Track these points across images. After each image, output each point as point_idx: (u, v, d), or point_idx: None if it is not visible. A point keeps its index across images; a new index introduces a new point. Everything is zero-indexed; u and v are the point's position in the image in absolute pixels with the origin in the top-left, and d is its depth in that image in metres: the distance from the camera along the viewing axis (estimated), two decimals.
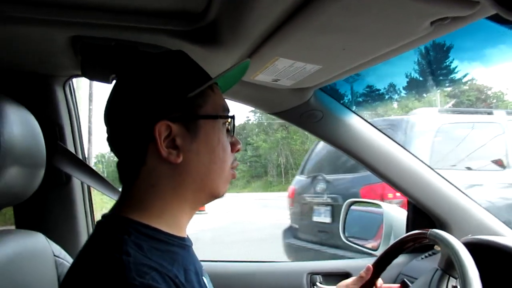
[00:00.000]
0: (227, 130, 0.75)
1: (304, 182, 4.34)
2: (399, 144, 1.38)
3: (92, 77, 1.09)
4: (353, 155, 1.36)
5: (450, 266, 0.86)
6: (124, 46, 0.97)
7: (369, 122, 1.36)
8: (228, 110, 0.75)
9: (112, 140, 0.72)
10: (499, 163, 3.94)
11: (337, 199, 3.74)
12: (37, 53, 1.04)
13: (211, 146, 0.71)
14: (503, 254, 1.00)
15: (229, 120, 0.75)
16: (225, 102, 0.76)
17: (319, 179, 4.06)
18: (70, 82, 1.25)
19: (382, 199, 3.15)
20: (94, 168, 1.29)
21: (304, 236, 4.17)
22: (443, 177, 1.40)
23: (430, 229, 0.91)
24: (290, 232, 4.43)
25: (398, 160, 1.36)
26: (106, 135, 0.73)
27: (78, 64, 1.04)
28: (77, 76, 1.22)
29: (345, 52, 0.85)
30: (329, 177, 3.98)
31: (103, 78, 1.05)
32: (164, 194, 0.69)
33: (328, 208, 3.82)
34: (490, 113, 4.18)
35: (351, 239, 1.76)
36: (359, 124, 1.33)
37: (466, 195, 1.40)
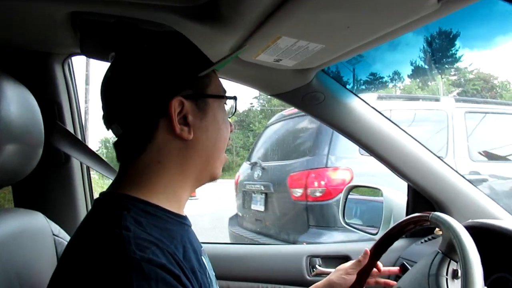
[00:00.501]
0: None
1: (246, 169, 4.22)
2: (400, 128, 1.37)
3: (91, 54, 1.07)
4: (354, 138, 1.35)
5: (451, 250, 0.85)
6: (124, 23, 0.95)
7: (370, 105, 1.34)
8: (226, 92, 0.78)
9: (114, 116, 0.71)
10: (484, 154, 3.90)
11: (269, 186, 3.64)
12: (35, 29, 1.03)
13: (218, 124, 0.74)
14: (504, 237, 1.00)
15: (231, 101, 0.79)
16: (222, 84, 0.79)
17: (257, 166, 3.96)
18: (69, 60, 1.24)
19: (306, 187, 3.13)
20: (98, 153, 1.28)
21: (246, 224, 4.10)
22: (443, 161, 1.40)
23: (432, 212, 0.90)
24: (235, 220, 4.35)
25: (399, 144, 1.35)
26: (102, 113, 0.73)
27: (77, 41, 1.03)
28: (76, 54, 1.20)
29: (349, 30, 0.83)
30: (265, 164, 3.88)
31: (103, 56, 1.03)
32: (169, 170, 0.70)
33: (263, 196, 3.73)
34: (437, 100, 4.01)
35: (350, 223, 1.77)
36: (360, 107, 1.32)
37: (466, 179, 1.39)
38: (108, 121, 0.72)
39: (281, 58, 1.04)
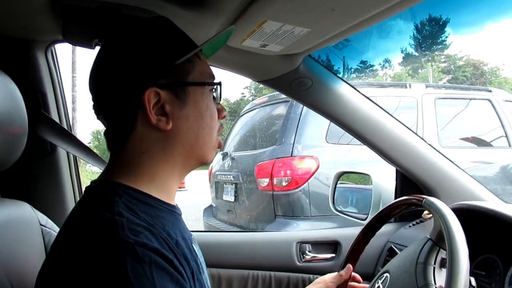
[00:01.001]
0: (213, 98, 0.75)
1: (219, 160, 4.14)
2: (388, 113, 1.37)
3: (74, 41, 1.05)
4: (342, 124, 1.35)
5: (441, 238, 0.85)
6: (106, 9, 0.93)
7: (358, 91, 1.34)
8: (214, 77, 0.76)
9: (99, 107, 0.72)
10: (470, 139, 3.92)
11: (238, 177, 3.61)
12: (15, 16, 1.00)
13: (200, 112, 0.72)
14: (491, 219, 1.01)
15: (215, 87, 0.75)
16: (211, 69, 0.76)
17: (227, 156, 3.91)
18: (53, 48, 1.21)
19: (272, 176, 3.11)
20: (90, 145, 1.27)
21: (219, 215, 4.07)
22: (431, 146, 1.40)
23: (426, 197, 0.90)
24: (210, 211, 4.31)
25: (387, 129, 1.36)
26: (92, 102, 0.73)
27: (59, 28, 1.01)
28: (60, 41, 1.18)
29: (335, 13, 0.82)
30: (235, 154, 3.84)
31: (86, 42, 1.02)
32: (154, 160, 0.70)
33: (233, 186, 3.70)
34: (407, 87, 3.87)
35: (340, 208, 1.78)
36: (348, 93, 1.32)
37: (453, 163, 1.40)
38: (95, 111, 0.73)
39: (267, 43, 1.03)
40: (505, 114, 3.85)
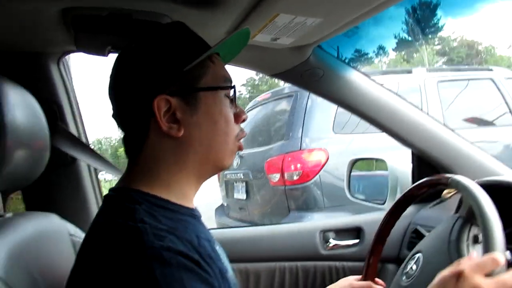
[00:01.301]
0: (231, 101, 0.74)
1: None
2: (400, 97, 1.38)
3: (87, 51, 1.06)
4: (356, 111, 1.36)
5: (472, 215, 0.85)
6: (117, 16, 0.94)
7: (369, 77, 1.35)
8: (230, 81, 0.74)
9: (115, 115, 0.73)
10: (470, 120, 3.90)
11: (248, 174, 3.60)
12: (27, 30, 1.01)
13: (213, 118, 0.70)
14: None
15: (232, 90, 0.74)
16: (227, 72, 0.75)
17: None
18: (64, 59, 1.22)
19: (283, 171, 3.11)
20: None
21: (231, 214, 4.04)
22: (444, 125, 1.41)
23: (452, 175, 0.90)
24: (221, 210, 4.29)
25: (400, 113, 1.36)
26: (111, 111, 0.74)
27: (71, 38, 1.01)
28: (71, 51, 1.19)
29: (347, 1, 0.83)
30: (242, 152, 3.75)
31: (99, 51, 1.03)
32: (168, 167, 0.70)
33: (244, 184, 3.69)
34: (409, 72, 3.85)
35: (356, 195, 1.78)
36: (360, 80, 1.32)
37: (467, 141, 1.41)
38: (114, 118, 0.74)
39: (279, 37, 1.03)
40: (508, 92, 3.84)
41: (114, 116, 0.73)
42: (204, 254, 0.62)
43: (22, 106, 0.77)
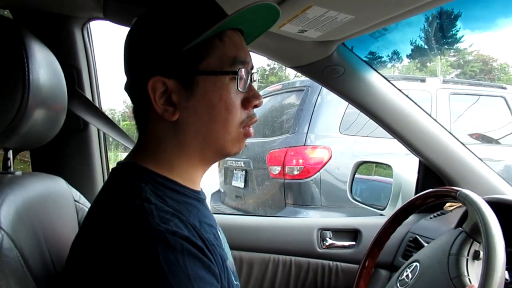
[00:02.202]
0: (244, 83, 0.67)
1: None
2: (416, 104, 1.37)
3: (113, 19, 1.05)
4: (370, 113, 1.35)
5: (476, 232, 0.85)
6: None
7: (389, 81, 1.34)
8: (243, 62, 0.67)
9: (126, 88, 0.71)
10: (475, 136, 3.90)
11: (249, 163, 3.60)
12: None
13: (211, 104, 0.66)
14: None
15: (243, 71, 0.66)
16: (240, 53, 0.67)
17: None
18: (88, 25, 1.21)
19: (284, 165, 3.11)
20: None
21: (227, 200, 4.07)
22: (456, 139, 1.40)
23: (461, 189, 0.90)
24: (217, 196, 4.32)
25: (414, 120, 1.36)
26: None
27: (99, 5, 1.01)
28: (96, 18, 1.18)
29: (383, 1, 0.82)
30: (246, 141, 3.80)
31: (125, 21, 1.02)
32: (169, 149, 0.68)
33: (243, 172, 3.70)
34: (423, 81, 3.83)
35: (357, 198, 1.79)
36: (379, 82, 1.32)
37: (477, 157, 1.40)
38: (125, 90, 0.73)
39: (306, 29, 1.02)
40: None
41: (125, 88, 0.71)
42: (207, 241, 0.61)
43: (46, 66, 0.76)
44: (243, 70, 0.67)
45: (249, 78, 0.69)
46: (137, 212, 0.58)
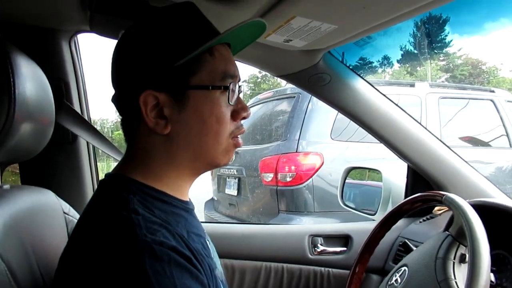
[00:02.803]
0: (231, 96, 0.69)
1: None
2: (402, 110, 1.39)
3: (100, 32, 1.06)
4: (358, 120, 1.37)
5: (461, 235, 0.86)
6: (136, 0, 0.94)
7: (375, 87, 1.36)
8: (232, 76, 0.69)
9: (114, 100, 0.72)
10: (466, 139, 3.94)
11: (242, 171, 3.60)
12: (44, 5, 1.01)
13: (202, 117, 0.67)
14: (502, 214, 1.03)
15: (231, 85, 0.68)
16: (229, 66, 0.69)
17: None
18: (76, 38, 1.22)
19: (276, 172, 3.13)
20: None
21: (220, 208, 4.06)
22: (443, 143, 1.42)
23: (446, 193, 0.92)
24: (211, 204, 4.30)
25: (401, 126, 1.37)
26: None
27: (85, 18, 1.02)
28: (84, 31, 1.19)
29: (365, 10, 0.84)
30: (238, 148, 3.75)
31: (112, 33, 1.03)
32: (159, 161, 0.68)
33: (236, 180, 3.70)
34: (412, 85, 3.87)
35: (348, 203, 1.80)
36: (365, 89, 1.33)
37: (464, 161, 1.42)
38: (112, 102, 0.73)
39: (292, 39, 1.04)
40: (507, 115, 3.88)
41: (112, 100, 0.72)
42: (195, 250, 0.62)
43: (32, 80, 0.77)
44: (233, 84, 0.69)
45: (237, 90, 0.71)
46: (125, 223, 0.58)
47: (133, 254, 0.55)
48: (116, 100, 0.71)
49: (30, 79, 0.76)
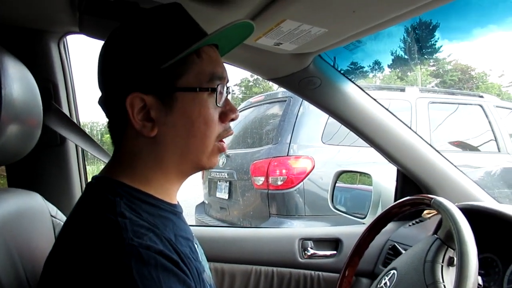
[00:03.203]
0: (220, 98, 0.69)
1: None
2: (392, 114, 1.40)
3: (89, 33, 1.05)
4: (348, 124, 1.38)
5: (450, 238, 0.87)
6: (125, 2, 0.94)
7: (365, 91, 1.37)
8: (220, 78, 0.69)
9: (101, 102, 0.72)
10: (456, 143, 3.98)
11: (233, 174, 3.59)
12: (33, 6, 1.00)
13: (189, 119, 0.67)
14: (494, 219, 1.04)
15: (219, 86, 0.68)
16: (217, 68, 0.69)
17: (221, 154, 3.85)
18: (65, 39, 1.21)
19: (268, 175, 3.14)
20: None
21: (211, 212, 4.04)
22: (432, 147, 1.44)
23: (434, 197, 0.92)
24: (202, 207, 4.30)
25: (391, 130, 1.38)
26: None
27: (74, 20, 1.01)
28: (73, 32, 1.18)
29: (355, 14, 0.84)
30: (229, 151, 3.77)
31: (101, 35, 1.02)
32: (146, 164, 0.68)
33: (227, 184, 3.69)
34: (402, 90, 3.90)
35: (338, 207, 1.81)
36: (355, 93, 1.34)
37: (453, 165, 1.44)
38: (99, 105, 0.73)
39: (282, 42, 1.04)
40: (496, 120, 3.93)
41: (99, 102, 0.71)
42: (182, 254, 0.61)
43: (20, 82, 0.76)
44: (221, 86, 0.68)
45: (225, 92, 0.70)
46: (111, 227, 0.58)
47: (119, 258, 0.54)
48: (103, 102, 0.71)
49: (18, 80, 0.75)
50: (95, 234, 0.58)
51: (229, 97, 0.73)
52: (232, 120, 0.73)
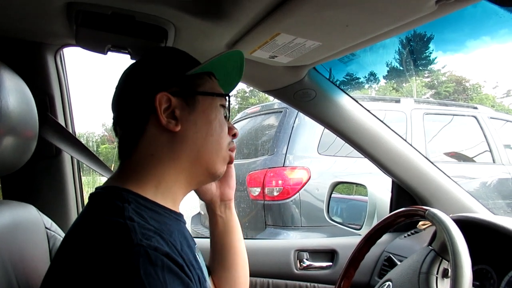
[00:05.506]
0: (225, 116, 0.81)
1: None
2: (387, 126, 1.41)
3: (86, 46, 1.06)
4: (343, 135, 1.39)
5: (444, 250, 0.88)
6: (121, 16, 0.95)
7: (359, 103, 1.38)
8: (226, 96, 0.82)
9: (117, 117, 0.77)
10: (451, 154, 4.00)
11: None
12: (30, 19, 1.01)
13: (208, 119, 0.77)
14: (489, 231, 1.05)
15: (226, 104, 0.81)
16: (222, 90, 0.83)
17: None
18: (62, 52, 1.22)
19: (264, 186, 3.14)
20: None
21: (207, 223, 3.91)
22: (427, 159, 1.45)
23: (429, 208, 0.93)
24: (197, 218, 4.28)
25: (386, 142, 1.39)
26: (112, 123, 0.80)
27: (71, 32, 1.02)
28: (70, 45, 1.19)
29: (348, 29, 0.85)
30: None
31: (98, 48, 1.03)
32: (162, 163, 0.73)
33: None
34: (397, 101, 3.91)
35: (334, 218, 1.81)
36: (350, 105, 1.35)
37: (448, 176, 1.45)
38: (114, 124, 0.79)
39: (277, 55, 1.05)
40: (490, 131, 3.95)
41: (115, 122, 0.78)
42: (187, 260, 0.63)
43: (16, 94, 0.77)
44: (228, 100, 0.81)
45: (228, 115, 0.83)
46: (120, 228, 0.60)
47: (127, 258, 0.56)
48: (119, 116, 0.77)
49: (13, 93, 0.76)
50: (103, 235, 0.60)
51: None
52: (234, 136, 0.83)
